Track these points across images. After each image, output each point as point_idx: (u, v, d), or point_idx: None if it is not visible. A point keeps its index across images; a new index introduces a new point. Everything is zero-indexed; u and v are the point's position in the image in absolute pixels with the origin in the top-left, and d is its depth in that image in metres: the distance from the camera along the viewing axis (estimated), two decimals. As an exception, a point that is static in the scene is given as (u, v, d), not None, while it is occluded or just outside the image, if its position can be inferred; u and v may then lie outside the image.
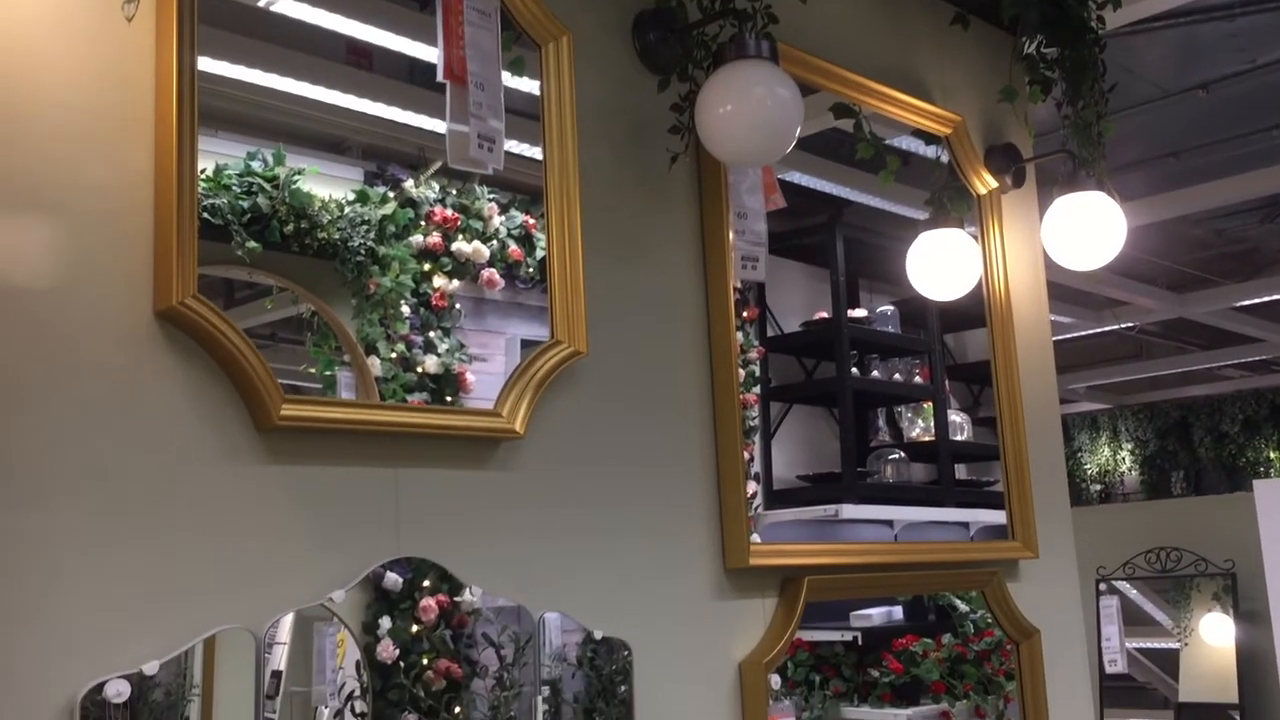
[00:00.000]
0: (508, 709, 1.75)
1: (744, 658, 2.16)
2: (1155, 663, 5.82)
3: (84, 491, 1.43)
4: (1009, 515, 2.74)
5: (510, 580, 1.83)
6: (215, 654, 1.52)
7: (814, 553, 2.31)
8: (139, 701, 1.42)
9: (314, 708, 1.63)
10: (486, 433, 1.81)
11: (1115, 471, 11.53)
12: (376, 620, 1.65)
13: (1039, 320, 3.10)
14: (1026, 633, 2.70)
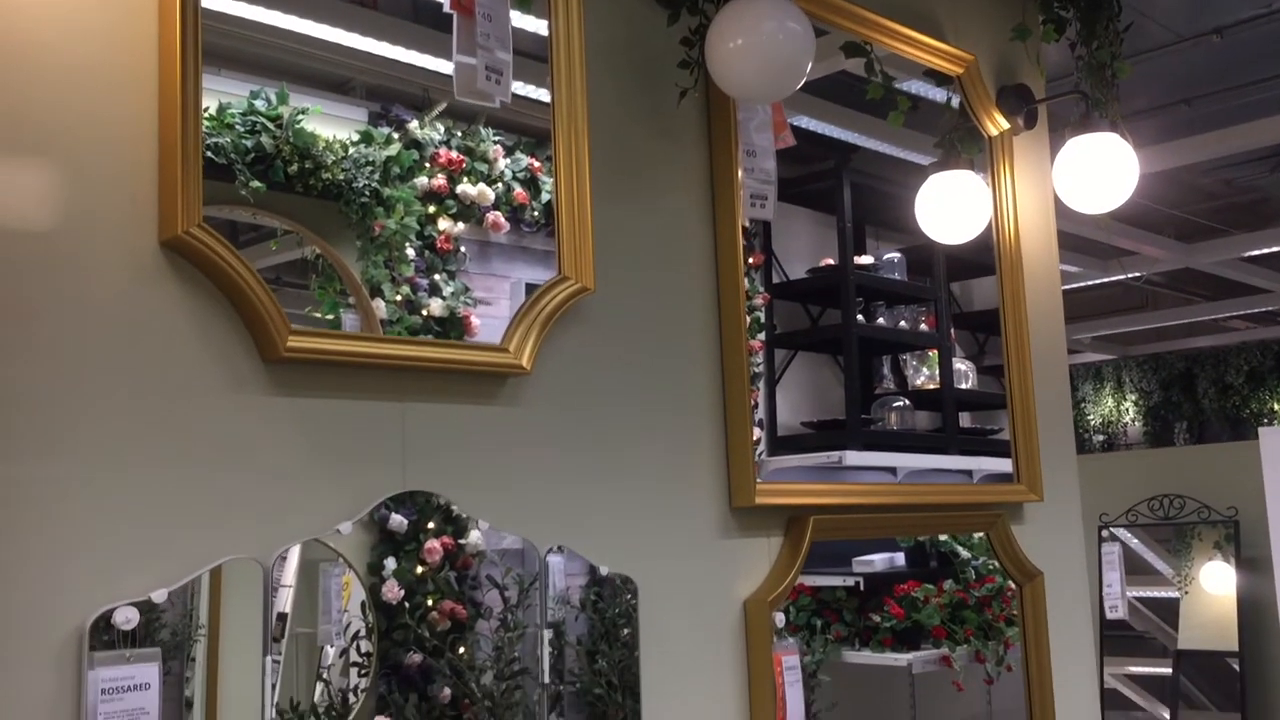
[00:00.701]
0: (512, 650, 1.77)
1: (749, 596, 2.18)
2: (1155, 612, 5.86)
3: (90, 420, 1.43)
4: (1014, 458, 2.74)
5: (516, 515, 1.83)
6: (221, 590, 1.53)
7: (819, 493, 2.32)
8: (147, 630, 1.43)
9: (319, 647, 1.65)
10: (493, 368, 1.81)
11: (1119, 422, 11.54)
12: (381, 561, 1.66)
13: (1048, 264, 3.08)
14: (1029, 575, 2.71)
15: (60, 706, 1.37)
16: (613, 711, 1.92)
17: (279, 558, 1.57)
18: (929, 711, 2.98)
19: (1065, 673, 2.82)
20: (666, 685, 2.01)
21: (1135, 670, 5.91)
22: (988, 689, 2.90)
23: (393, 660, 1.64)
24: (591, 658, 1.92)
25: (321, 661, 1.64)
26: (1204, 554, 5.59)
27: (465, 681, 1.70)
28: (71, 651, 1.38)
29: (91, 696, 1.37)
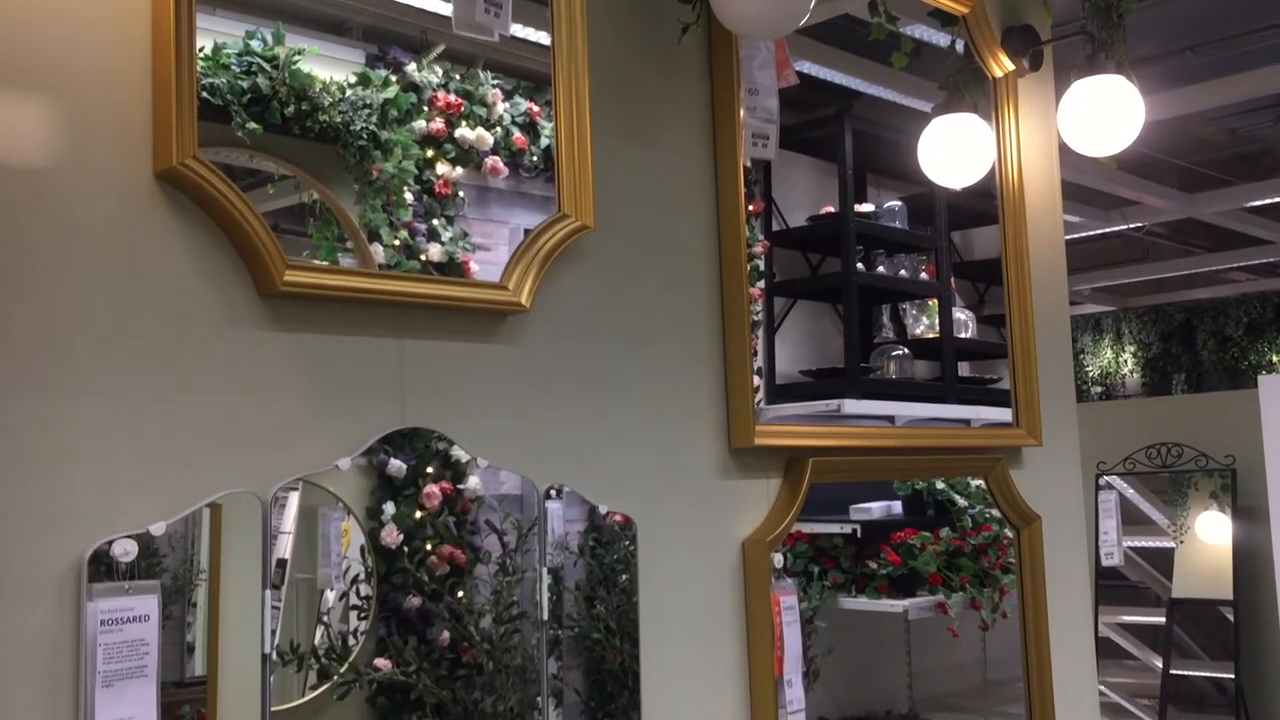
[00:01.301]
0: (510, 594, 1.78)
1: (748, 536, 2.18)
2: (1150, 562, 5.89)
3: (86, 352, 1.43)
4: (1014, 403, 2.75)
5: (515, 453, 1.84)
6: (221, 534, 1.53)
7: (819, 435, 2.32)
8: (146, 566, 1.43)
9: (319, 591, 1.66)
10: (492, 305, 1.80)
11: (1117, 374, 11.56)
12: (380, 506, 1.67)
13: (1051, 209, 3.07)
14: (1028, 518, 2.73)
15: (60, 638, 1.38)
16: (610, 655, 1.94)
17: (278, 493, 1.57)
18: (924, 658, 3.00)
19: (1061, 617, 2.85)
20: (665, 625, 2.03)
21: (1128, 619, 5.95)
22: (982, 636, 2.93)
23: (392, 604, 1.65)
24: (590, 603, 1.93)
25: (321, 605, 1.65)
26: (1200, 504, 5.61)
27: (464, 625, 1.71)
28: (70, 583, 1.39)
29: (91, 628, 1.37)
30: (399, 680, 1.63)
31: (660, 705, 2.00)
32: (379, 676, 1.62)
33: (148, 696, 1.40)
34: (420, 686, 1.65)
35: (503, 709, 1.74)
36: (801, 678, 2.16)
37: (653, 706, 1.98)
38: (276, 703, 1.52)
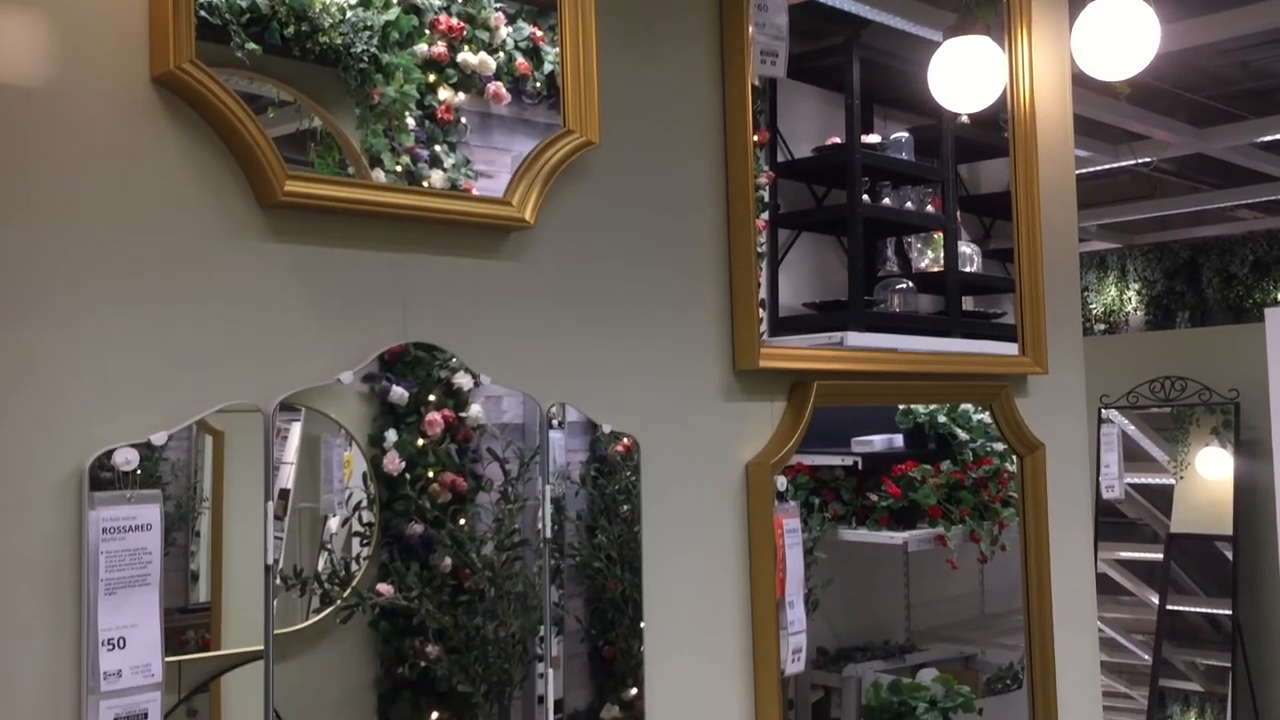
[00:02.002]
0: (512, 521, 1.79)
1: (751, 459, 2.19)
2: (1149, 499, 5.92)
3: (84, 262, 1.42)
4: (1020, 329, 2.74)
5: (518, 371, 1.83)
6: (224, 461, 1.54)
7: (824, 358, 2.31)
8: (148, 480, 1.43)
9: (322, 518, 1.66)
10: (496, 220, 1.79)
11: (1120, 311, 11.54)
12: (382, 433, 1.67)
13: (1063, 136, 3.03)
14: (1031, 446, 2.73)
15: (62, 545, 1.38)
16: (611, 584, 1.95)
17: (281, 425, 1.57)
18: (922, 590, 3.03)
19: (1062, 546, 2.86)
20: (667, 548, 2.03)
21: (1126, 556, 6.00)
22: (980, 569, 2.95)
23: (394, 530, 1.66)
24: (591, 532, 1.94)
25: (324, 533, 1.66)
26: (1201, 440, 5.62)
27: (466, 552, 1.72)
28: (72, 492, 1.39)
29: (93, 536, 1.38)
30: (401, 605, 1.65)
31: (662, 629, 2.01)
32: (381, 601, 1.63)
33: (150, 604, 1.41)
34: (422, 612, 1.66)
35: (504, 635, 1.76)
36: (803, 600, 2.18)
37: (655, 629, 2.00)
38: (280, 626, 1.54)
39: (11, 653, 1.35)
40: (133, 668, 1.38)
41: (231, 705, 1.52)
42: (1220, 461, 5.52)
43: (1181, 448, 5.66)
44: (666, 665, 2.02)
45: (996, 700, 2.79)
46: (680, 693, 2.04)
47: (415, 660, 1.66)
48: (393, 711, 1.64)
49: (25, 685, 1.35)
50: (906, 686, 2.42)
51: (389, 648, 1.64)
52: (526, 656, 1.79)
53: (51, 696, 1.37)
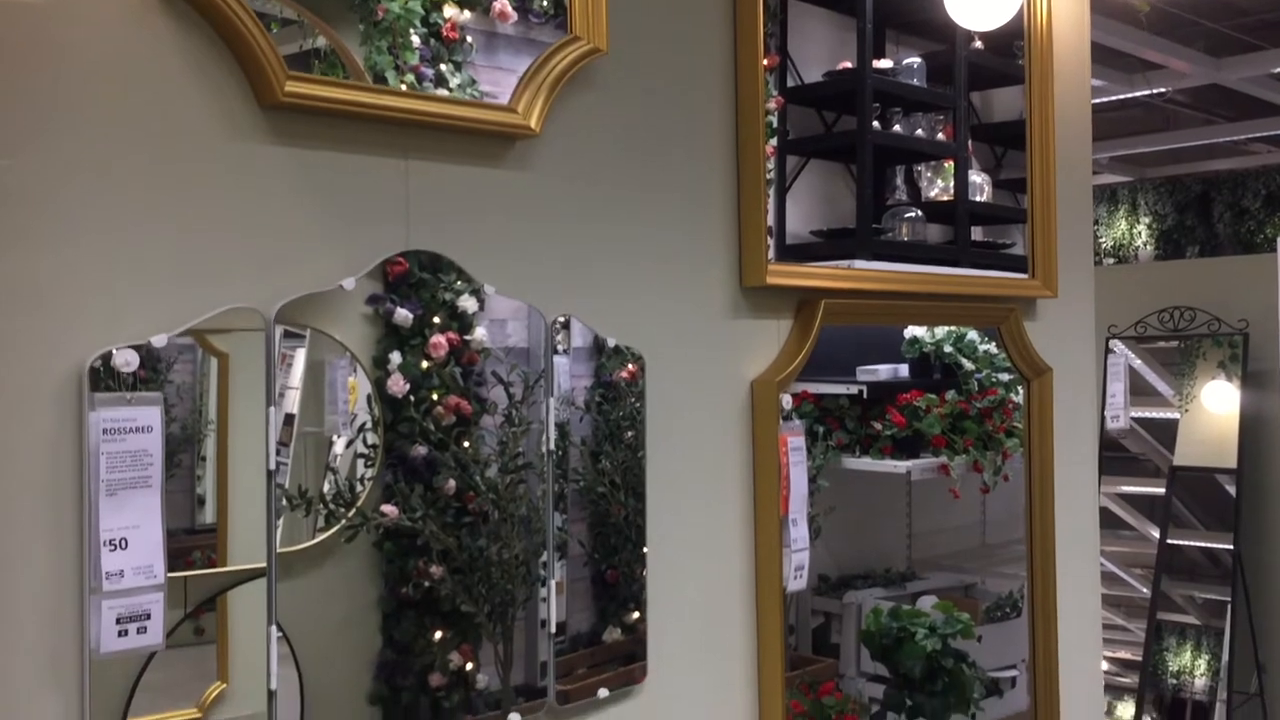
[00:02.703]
0: (516, 444, 1.79)
1: (756, 376, 2.18)
2: (1153, 434, 5.92)
3: (83, 163, 1.40)
4: (1030, 253, 2.72)
5: (523, 282, 1.82)
6: (229, 381, 1.54)
7: (832, 276, 2.30)
8: (148, 378, 1.43)
9: (327, 444, 1.67)
10: (500, 128, 1.76)
11: (1130, 246, 11.45)
12: (387, 355, 1.66)
13: (1079, 61, 3.00)
14: (1039, 370, 2.72)
15: (62, 446, 1.39)
16: (615, 509, 1.96)
17: (285, 351, 1.56)
18: (924, 519, 3.05)
19: (1066, 472, 2.86)
20: (672, 466, 2.04)
21: (1127, 490, 6.02)
22: (983, 499, 2.96)
23: (398, 452, 1.66)
24: (595, 458, 1.95)
25: (329, 457, 1.67)
26: (1207, 373, 5.60)
27: (469, 474, 1.73)
28: (72, 393, 1.39)
29: (94, 437, 1.38)
30: (405, 526, 1.66)
31: (664, 549, 2.03)
32: (385, 522, 1.64)
33: (152, 506, 1.41)
34: (426, 533, 1.67)
35: (508, 556, 1.77)
36: (806, 518, 2.18)
37: (657, 548, 2.01)
38: (286, 545, 1.55)
39: (13, 554, 1.35)
40: (135, 568, 1.39)
41: (238, 622, 1.53)
42: (1226, 395, 5.51)
43: (1187, 381, 5.64)
44: (668, 585, 2.03)
45: (995, 628, 2.81)
46: (682, 613, 2.06)
47: (419, 580, 1.67)
48: (397, 630, 1.66)
49: (27, 586, 1.36)
50: (906, 613, 2.45)
51: (393, 568, 1.65)
52: (529, 578, 1.81)
53: (53, 597, 1.38)
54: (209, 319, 1.49)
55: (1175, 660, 5.57)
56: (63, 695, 1.38)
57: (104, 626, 1.37)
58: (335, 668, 1.61)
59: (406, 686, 1.66)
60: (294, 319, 1.57)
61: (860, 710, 2.49)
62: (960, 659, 2.43)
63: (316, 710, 1.57)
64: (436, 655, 1.69)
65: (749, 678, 2.16)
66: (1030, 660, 2.73)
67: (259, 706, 1.52)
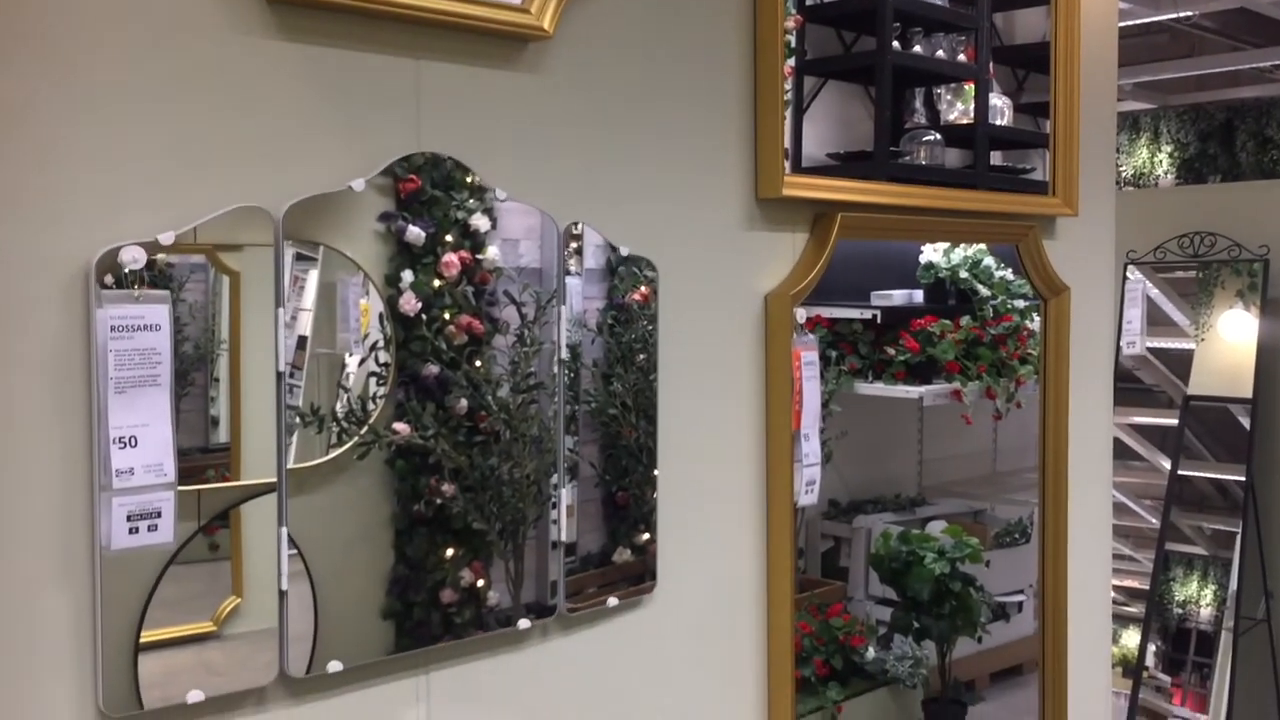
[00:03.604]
0: (528, 364, 1.79)
1: (770, 290, 2.17)
2: (1167, 365, 5.89)
3: (83, 54, 1.38)
4: (1052, 172, 2.69)
5: (535, 187, 1.80)
6: (240, 301, 1.53)
7: (849, 189, 2.27)
8: (156, 276, 1.42)
9: (339, 365, 1.66)
10: (512, 28, 1.73)
11: (1151, 174, 11.32)
12: (399, 274, 1.65)
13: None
14: (1056, 289, 2.69)
15: (70, 344, 1.38)
16: (626, 431, 1.96)
17: (297, 273, 1.56)
18: (935, 446, 3.05)
19: (1081, 394, 2.84)
20: (684, 378, 2.04)
21: (1139, 420, 6.00)
22: (994, 426, 2.96)
23: (410, 370, 1.66)
24: (607, 380, 1.94)
25: (341, 376, 1.67)
26: (1225, 302, 5.55)
27: (481, 394, 1.73)
28: (79, 289, 1.38)
29: (101, 335, 1.37)
30: (417, 444, 1.66)
31: (677, 457, 2.03)
32: (397, 439, 1.64)
33: (161, 405, 1.41)
34: (438, 451, 1.68)
35: (519, 475, 1.77)
36: (818, 433, 2.18)
37: (669, 454, 2.01)
38: (299, 461, 1.55)
39: (23, 451, 1.35)
40: (145, 466, 1.39)
41: (251, 537, 1.54)
42: (1243, 324, 5.46)
43: (1204, 310, 5.59)
44: (679, 499, 2.04)
45: (1003, 553, 2.83)
46: (693, 526, 2.07)
47: (431, 498, 1.68)
48: (409, 546, 1.67)
49: (37, 484, 1.37)
50: (915, 537, 2.46)
51: (405, 485, 1.66)
52: (540, 497, 1.82)
53: (64, 495, 1.38)
54: (217, 218, 1.47)
55: (1181, 590, 5.60)
56: (74, 591, 1.39)
57: (114, 523, 1.38)
58: (348, 583, 1.63)
59: (419, 602, 1.68)
60: (304, 230, 1.55)
61: (868, 632, 2.52)
62: (968, 583, 2.44)
63: (330, 624, 1.58)
64: (448, 572, 1.71)
65: (758, 589, 2.17)
66: (1039, 584, 2.73)
67: (273, 622, 1.53)
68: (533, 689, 1.85)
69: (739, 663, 2.15)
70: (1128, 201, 5.87)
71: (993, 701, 2.84)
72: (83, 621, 1.40)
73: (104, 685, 1.40)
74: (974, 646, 2.73)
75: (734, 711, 2.15)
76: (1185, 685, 5.41)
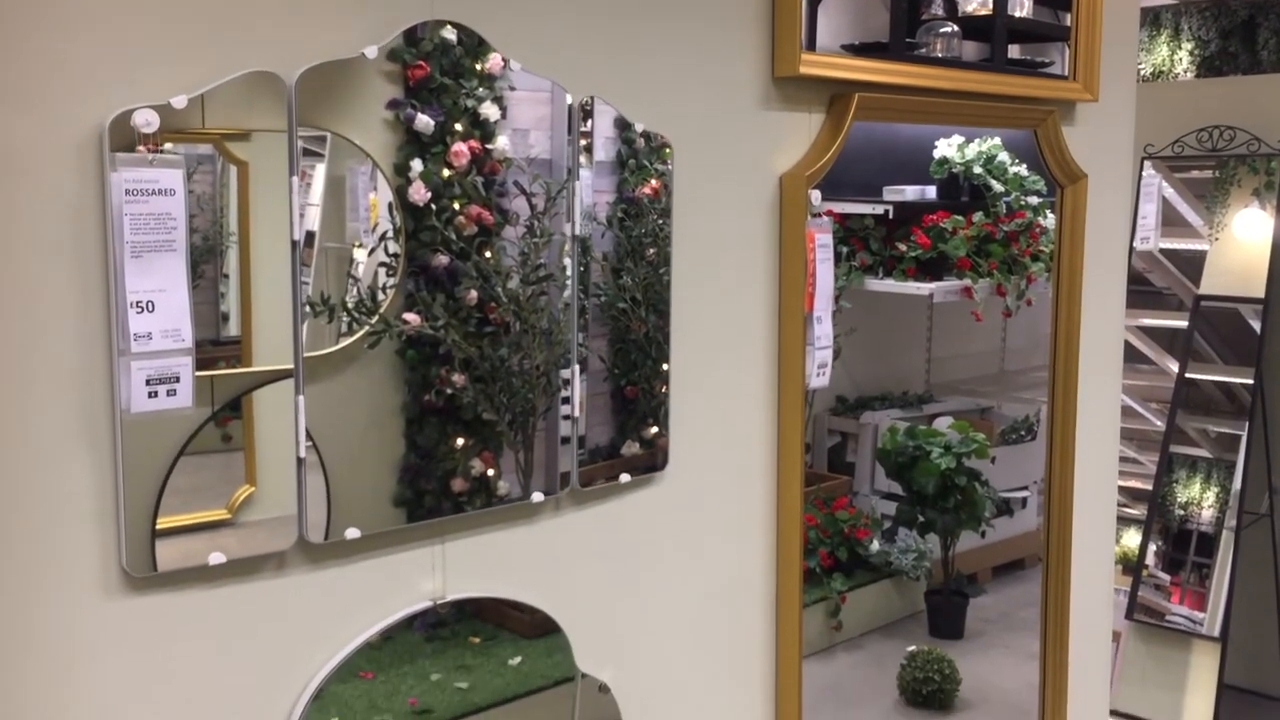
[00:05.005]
0: (537, 255, 1.78)
1: (785, 170, 2.15)
2: (1179, 266, 5.85)
3: None
4: (1072, 58, 2.64)
5: (548, 59, 1.78)
6: (249, 192, 1.53)
7: (867, 69, 2.23)
8: (169, 141, 1.41)
9: (348, 257, 1.66)
10: None
11: (1170, 74, 11.13)
12: (408, 163, 1.64)
13: None
14: (1074, 176, 2.66)
15: (84, 207, 1.38)
16: (635, 325, 1.96)
17: (305, 168, 1.54)
18: (944, 344, 3.05)
19: (1095, 286, 2.82)
20: (697, 260, 2.03)
21: (1148, 323, 5.98)
22: (1004, 325, 2.96)
23: (420, 261, 1.66)
24: (616, 274, 1.94)
25: (351, 267, 1.66)
26: (1241, 200, 5.48)
27: (491, 285, 1.72)
28: (92, 153, 1.37)
29: (116, 198, 1.37)
30: (427, 334, 1.66)
31: (688, 344, 2.04)
32: (408, 329, 1.65)
33: (178, 270, 1.41)
34: (448, 341, 1.68)
35: (529, 366, 1.78)
36: (830, 316, 2.17)
37: (681, 340, 2.02)
38: (309, 350, 1.56)
39: (39, 317, 1.36)
40: (163, 331, 1.40)
41: (263, 426, 1.56)
42: (1258, 223, 5.40)
43: (1219, 209, 5.53)
44: (692, 384, 2.05)
45: (1009, 450, 2.85)
46: (704, 405, 2.08)
47: (441, 388, 1.69)
48: (420, 436, 1.68)
49: (55, 349, 1.37)
50: (922, 432, 2.47)
51: (415, 375, 1.67)
52: (550, 389, 1.83)
53: (83, 359, 1.39)
54: (230, 82, 1.45)
55: (1184, 492, 5.64)
56: (96, 454, 1.41)
57: (134, 387, 1.39)
58: (360, 471, 1.65)
59: (430, 490, 1.70)
60: (313, 113, 1.53)
61: (873, 525, 2.55)
62: (973, 478, 2.46)
63: (342, 512, 1.61)
64: (459, 461, 1.73)
65: (769, 467, 2.19)
66: (1046, 478, 2.75)
67: (286, 509, 1.56)
68: (546, 561, 1.89)
69: (749, 539, 2.18)
70: (1146, 94, 5.75)
71: (994, 594, 2.88)
72: (105, 484, 1.42)
73: (127, 546, 1.43)
74: (977, 541, 2.76)
75: (744, 587, 2.18)
76: (1184, 584, 5.48)
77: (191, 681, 1.52)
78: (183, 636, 1.51)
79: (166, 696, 1.50)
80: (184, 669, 1.51)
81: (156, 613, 1.48)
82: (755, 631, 2.20)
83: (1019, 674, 2.79)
